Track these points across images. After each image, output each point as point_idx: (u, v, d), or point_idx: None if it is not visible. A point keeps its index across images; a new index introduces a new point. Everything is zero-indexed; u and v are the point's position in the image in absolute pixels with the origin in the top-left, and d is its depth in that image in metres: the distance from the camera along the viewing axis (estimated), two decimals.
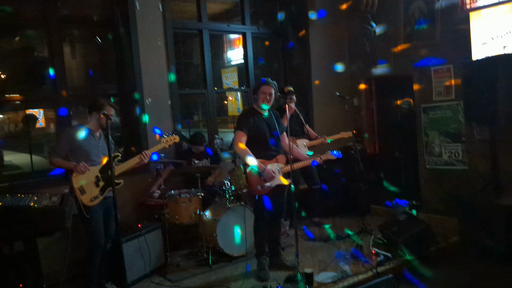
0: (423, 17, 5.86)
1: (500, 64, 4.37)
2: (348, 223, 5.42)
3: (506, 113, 4.36)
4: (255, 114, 4.05)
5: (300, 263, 3.96)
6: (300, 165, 4.20)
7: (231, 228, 4.45)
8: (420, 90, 5.97)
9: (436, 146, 5.84)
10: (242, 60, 6.66)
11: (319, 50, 6.73)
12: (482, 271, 4.05)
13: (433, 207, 5.81)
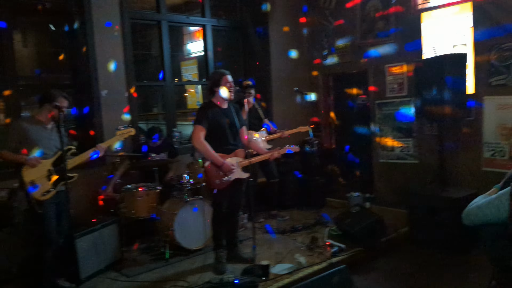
0: (379, 16, 6.05)
1: (448, 63, 4.58)
2: (305, 216, 5.55)
3: (451, 111, 4.58)
4: (214, 107, 4.04)
5: (257, 255, 4.02)
6: (259, 159, 4.24)
7: (189, 222, 4.44)
8: (375, 86, 6.18)
9: (389, 141, 6.07)
10: (202, 53, 6.62)
11: (279, 45, 6.79)
12: (428, 260, 4.28)
13: (385, 199, 6.06)
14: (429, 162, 5.56)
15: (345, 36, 6.44)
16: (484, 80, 5.05)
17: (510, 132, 4.89)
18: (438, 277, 3.93)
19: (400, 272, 4.08)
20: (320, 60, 6.87)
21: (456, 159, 5.35)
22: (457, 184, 5.25)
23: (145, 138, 5.44)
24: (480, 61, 5.05)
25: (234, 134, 4.09)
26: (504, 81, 4.89)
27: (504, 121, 4.93)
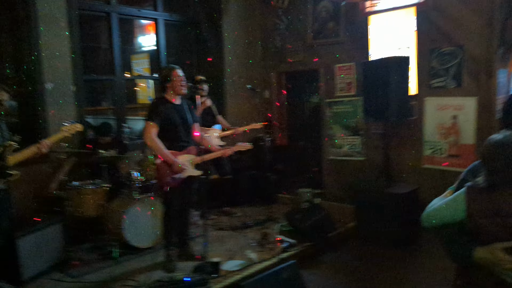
0: (329, 16, 6.21)
1: (393, 65, 4.79)
2: (257, 212, 5.62)
3: (395, 110, 4.82)
4: (166, 103, 3.97)
5: (208, 252, 4.02)
6: (211, 156, 4.24)
7: (138, 220, 4.36)
8: (325, 85, 6.35)
9: (338, 138, 6.27)
10: (154, 47, 6.49)
11: (233, 41, 6.80)
12: (373, 254, 4.48)
13: (334, 195, 6.26)
14: (375, 159, 5.80)
15: (297, 35, 6.56)
16: (426, 81, 5.34)
17: (448, 131, 5.21)
18: (383, 270, 4.12)
19: (347, 266, 4.25)
20: (273, 57, 6.95)
21: (399, 157, 5.62)
22: (401, 180, 5.51)
23: (94, 134, 5.28)
24: (422, 63, 5.33)
25: (187, 131, 4.06)
26: (443, 83, 5.20)
27: (442, 121, 5.24)
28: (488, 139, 1.81)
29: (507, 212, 1.66)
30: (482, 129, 4.94)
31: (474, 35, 4.91)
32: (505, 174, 1.70)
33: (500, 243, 1.67)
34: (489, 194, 1.73)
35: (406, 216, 4.61)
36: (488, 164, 1.77)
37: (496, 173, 1.72)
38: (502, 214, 1.67)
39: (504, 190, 1.70)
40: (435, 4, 5.13)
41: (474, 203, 1.76)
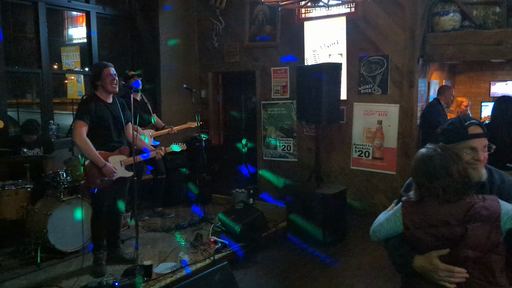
0: (266, 20, 6.33)
1: (325, 72, 4.99)
2: (191, 213, 5.59)
3: (326, 114, 5.03)
4: (98, 101, 3.82)
5: (140, 255, 3.94)
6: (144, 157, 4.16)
7: (65, 222, 4.16)
8: (261, 87, 6.47)
9: (273, 140, 6.42)
10: (86, 40, 6.20)
11: (169, 39, 6.69)
12: (303, 253, 4.65)
13: (268, 195, 6.40)
14: (307, 160, 6.03)
15: (234, 36, 6.61)
16: (355, 88, 5.64)
17: (373, 135, 5.55)
18: (312, 268, 4.29)
19: (278, 265, 4.36)
20: (210, 57, 6.94)
21: (329, 158, 5.90)
22: (330, 181, 5.78)
23: (18, 131, 4.95)
24: (352, 70, 5.62)
25: (119, 130, 3.94)
26: (370, 90, 5.52)
27: (369, 125, 5.57)
28: (415, 154, 1.92)
29: (438, 222, 1.79)
30: (404, 134, 5.33)
31: (399, 46, 5.27)
32: (429, 187, 1.81)
33: (435, 251, 1.78)
34: (420, 207, 1.86)
35: (334, 216, 4.84)
36: (415, 178, 1.89)
37: (422, 187, 1.85)
38: (433, 224, 1.80)
39: (432, 202, 1.82)
40: (364, 15, 5.43)
41: (408, 216, 1.88)
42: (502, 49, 4.80)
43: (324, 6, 4.34)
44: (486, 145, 1.87)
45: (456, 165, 1.79)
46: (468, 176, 1.81)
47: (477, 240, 1.73)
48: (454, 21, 5.18)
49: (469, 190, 1.80)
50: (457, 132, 1.89)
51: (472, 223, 1.73)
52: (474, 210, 1.74)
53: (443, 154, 1.82)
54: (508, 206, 1.76)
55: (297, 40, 5.97)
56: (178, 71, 6.83)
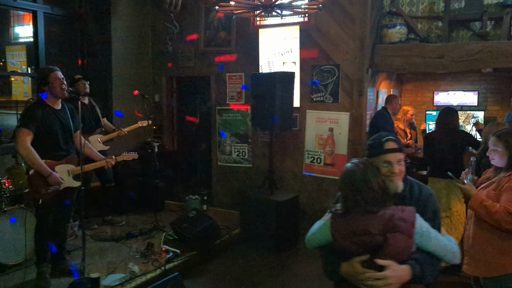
0: (221, 26, 6.33)
1: (278, 79, 5.07)
2: (142, 220, 5.48)
3: (280, 121, 5.10)
4: (45, 108, 3.66)
5: (87, 267, 3.82)
6: (93, 166, 4.03)
7: (5, 234, 3.95)
8: (216, 93, 6.46)
9: (228, 146, 6.43)
10: (32, 39, 5.93)
11: (122, 42, 6.54)
12: (256, 259, 4.69)
13: (222, 201, 6.40)
14: (261, 166, 6.08)
15: (189, 41, 6.56)
16: (308, 95, 5.76)
17: (325, 142, 5.69)
18: (265, 274, 4.34)
19: (230, 272, 4.38)
20: (164, 61, 6.85)
21: (283, 164, 5.98)
22: (284, 187, 5.86)
23: None
24: (305, 78, 5.73)
25: (67, 138, 3.79)
26: (322, 98, 5.66)
27: (321, 132, 5.70)
28: (343, 169, 2.06)
29: (360, 231, 1.92)
30: (354, 141, 5.50)
31: (349, 56, 5.44)
32: (353, 199, 1.95)
33: (357, 258, 1.91)
34: (346, 218, 1.98)
35: (286, 222, 4.92)
36: (341, 191, 2.03)
37: (348, 199, 1.97)
38: (357, 233, 1.92)
39: (356, 213, 1.95)
40: (317, 25, 5.56)
41: (335, 226, 2.00)
42: (444, 62, 5.08)
43: (278, 16, 4.41)
44: (400, 159, 2.03)
45: (376, 179, 1.95)
46: (387, 188, 1.97)
47: (395, 249, 1.87)
48: (401, 33, 5.42)
49: (388, 201, 1.95)
50: (376, 147, 2.07)
51: (391, 233, 1.87)
52: (393, 222, 1.88)
53: (364, 168, 1.97)
54: (421, 223, 1.91)
55: (252, 47, 6.01)
56: (131, 75, 6.68)
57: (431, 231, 1.91)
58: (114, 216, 5.44)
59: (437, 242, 1.90)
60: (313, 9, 4.19)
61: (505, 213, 2.49)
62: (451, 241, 1.97)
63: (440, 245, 1.91)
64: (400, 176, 2.02)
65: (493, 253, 2.65)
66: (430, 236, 1.90)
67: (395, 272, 1.85)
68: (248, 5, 4.11)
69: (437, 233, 1.93)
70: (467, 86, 6.76)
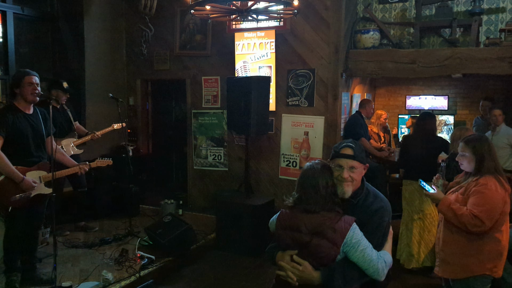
0: (197, 29, 6.30)
1: (254, 84, 5.08)
2: (117, 226, 5.38)
3: (256, 125, 5.11)
4: (16, 112, 3.56)
5: (59, 275, 3.73)
6: (65, 172, 3.94)
7: None
8: (192, 96, 6.42)
9: (203, 149, 6.40)
10: (1, 40, 5.76)
11: (96, 44, 6.42)
12: (232, 263, 4.68)
13: (198, 205, 6.37)
14: (237, 170, 6.08)
15: (164, 44, 6.50)
16: (283, 99, 5.80)
17: (300, 145, 5.74)
18: (240, 278, 4.34)
19: (206, 278, 4.35)
20: (138, 64, 6.76)
21: (259, 168, 6.00)
22: (260, 190, 5.88)
23: None
24: (280, 82, 5.77)
25: (39, 144, 3.70)
26: (297, 102, 5.71)
27: (296, 136, 5.75)
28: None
29: (294, 227, 2.07)
30: (329, 145, 5.56)
31: (324, 60, 5.51)
32: (299, 196, 2.09)
33: (289, 251, 2.09)
34: (290, 212, 2.13)
35: (262, 226, 4.91)
36: (296, 187, 2.17)
37: (295, 195, 2.12)
38: (291, 228, 2.08)
39: (297, 210, 2.09)
40: (292, 29, 5.61)
41: (281, 217, 2.17)
42: (415, 68, 5.21)
43: (253, 21, 4.43)
44: (353, 166, 2.10)
45: (323, 180, 2.06)
46: (334, 193, 2.07)
47: (317, 252, 2.01)
48: (374, 39, 5.52)
49: (332, 205, 2.05)
50: (334, 150, 2.18)
51: (317, 237, 2.00)
52: (322, 228, 1.99)
53: (317, 169, 2.09)
54: (355, 234, 1.98)
55: (228, 50, 6.01)
56: (105, 78, 6.57)
57: (361, 244, 1.97)
58: (87, 222, 5.33)
59: (362, 255, 1.97)
60: (289, 14, 4.23)
61: (470, 216, 2.58)
62: (381, 258, 2.02)
63: (364, 258, 1.97)
64: (351, 183, 2.09)
65: (461, 255, 2.73)
66: (357, 248, 1.96)
67: (304, 273, 2.01)
68: (224, 9, 4.10)
69: (367, 247, 1.99)
70: (437, 90, 6.96)
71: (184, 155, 6.62)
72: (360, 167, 2.12)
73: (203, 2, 3.80)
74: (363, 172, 2.16)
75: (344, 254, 1.99)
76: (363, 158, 2.15)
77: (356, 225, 1.99)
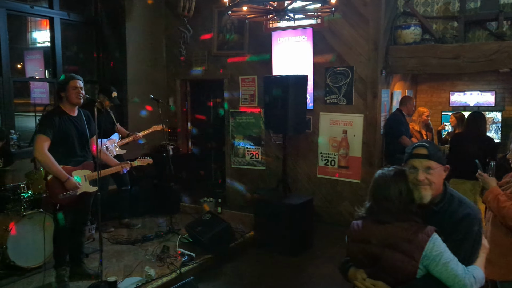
0: (234, 29, 6.36)
1: (291, 82, 5.05)
2: (158, 223, 5.54)
3: (293, 123, 5.10)
4: (62, 114, 3.73)
5: (104, 270, 3.88)
6: (108, 171, 4.10)
7: (26, 237, 4.05)
8: (229, 95, 6.48)
9: (241, 148, 6.45)
10: (49, 44, 6.05)
11: (137, 46, 6.62)
12: (270, 262, 4.69)
13: (236, 203, 6.43)
14: (274, 169, 6.09)
15: (202, 44, 6.60)
16: (321, 98, 5.75)
17: (339, 144, 5.67)
18: (279, 277, 4.34)
19: (245, 276, 4.39)
20: (178, 65, 6.91)
21: (297, 167, 5.98)
22: (297, 189, 5.86)
23: None
24: (318, 80, 5.72)
25: (83, 144, 3.86)
26: (336, 100, 5.64)
27: (335, 135, 5.69)
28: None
29: (364, 239, 1.93)
30: (368, 143, 5.47)
31: (363, 57, 5.41)
32: (371, 206, 1.96)
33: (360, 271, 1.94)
34: (360, 223, 2.00)
35: (300, 225, 4.91)
36: (368, 196, 2.01)
37: (367, 205, 1.99)
38: (362, 240, 1.94)
39: (369, 221, 1.96)
40: (330, 27, 5.54)
41: (351, 229, 2.03)
42: (460, 63, 5.02)
43: (290, 20, 4.41)
44: (428, 166, 1.91)
45: (397, 189, 1.89)
46: (410, 201, 1.89)
47: (391, 266, 1.81)
48: (415, 34, 5.36)
49: (408, 215, 1.87)
50: (407, 151, 2.01)
51: (389, 249, 1.82)
52: (394, 239, 1.81)
53: (388, 176, 1.94)
54: (436, 246, 1.77)
55: (265, 49, 6.02)
56: (146, 79, 6.76)
57: (444, 257, 1.76)
58: (131, 219, 5.51)
59: (445, 269, 1.75)
60: (326, 12, 4.18)
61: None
62: (469, 273, 1.78)
63: (448, 273, 1.75)
64: (429, 186, 1.90)
65: (510, 256, 2.61)
66: (439, 261, 1.76)
67: None
68: (261, 9, 4.11)
69: (450, 260, 1.77)
70: (484, 86, 6.66)
71: (223, 154, 6.70)
72: (438, 168, 1.91)
73: (240, 3, 3.83)
74: (443, 174, 1.94)
75: (425, 270, 1.78)
76: (440, 158, 1.94)
77: (437, 236, 1.79)
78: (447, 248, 1.79)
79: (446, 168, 1.97)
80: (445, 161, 1.98)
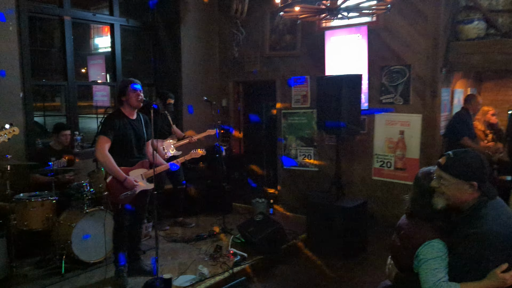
0: (286, 29, 6.33)
1: (345, 82, 4.94)
2: (211, 223, 5.63)
3: (347, 124, 4.97)
4: (122, 117, 3.91)
5: (160, 267, 4.00)
6: (161, 168, 4.22)
7: (88, 233, 4.27)
8: (281, 96, 6.46)
9: (293, 149, 6.40)
10: (110, 49, 6.36)
11: (191, 49, 6.78)
12: (323, 265, 4.61)
13: (288, 205, 6.39)
14: (327, 170, 5.98)
15: (254, 45, 6.63)
16: (376, 97, 5.57)
17: (395, 145, 5.46)
18: (332, 281, 4.26)
19: (297, 278, 4.35)
20: (230, 67, 6.99)
21: (350, 168, 5.83)
22: (351, 191, 5.71)
23: (41, 142, 5.11)
24: (373, 80, 5.54)
25: (141, 147, 4.02)
26: (392, 100, 5.44)
27: (391, 135, 5.48)
28: None
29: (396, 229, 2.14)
30: (426, 145, 5.22)
31: (421, 55, 5.18)
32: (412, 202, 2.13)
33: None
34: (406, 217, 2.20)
35: (354, 228, 4.79)
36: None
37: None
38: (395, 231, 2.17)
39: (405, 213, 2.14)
40: (386, 24, 5.35)
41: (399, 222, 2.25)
42: None
43: (344, 18, 4.31)
44: (439, 176, 1.99)
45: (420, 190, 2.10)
46: (430, 204, 2.03)
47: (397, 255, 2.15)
48: (479, 29, 5.05)
49: (432, 214, 2.03)
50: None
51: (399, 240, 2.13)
52: (405, 233, 2.09)
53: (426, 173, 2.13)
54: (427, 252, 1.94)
55: (317, 49, 5.93)
56: (200, 81, 6.91)
57: (427, 263, 1.92)
58: (185, 218, 5.65)
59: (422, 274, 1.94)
60: (381, 9, 4.05)
61: None
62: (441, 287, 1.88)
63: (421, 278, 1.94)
64: (442, 195, 1.99)
65: None
66: (421, 265, 1.95)
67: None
68: (313, 9, 4.06)
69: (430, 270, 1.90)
70: None
71: (275, 155, 6.69)
72: (452, 180, 1.94)
73: (293, 3, 3.79)
74: (464, 189, 1.93)
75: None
76: (461, 173, 1.91)
77: (435, 244, 1.93)
78: (439, 257, 1.91)
79: (472, 185, 1.91)
80: (473, 177, 1.90)
